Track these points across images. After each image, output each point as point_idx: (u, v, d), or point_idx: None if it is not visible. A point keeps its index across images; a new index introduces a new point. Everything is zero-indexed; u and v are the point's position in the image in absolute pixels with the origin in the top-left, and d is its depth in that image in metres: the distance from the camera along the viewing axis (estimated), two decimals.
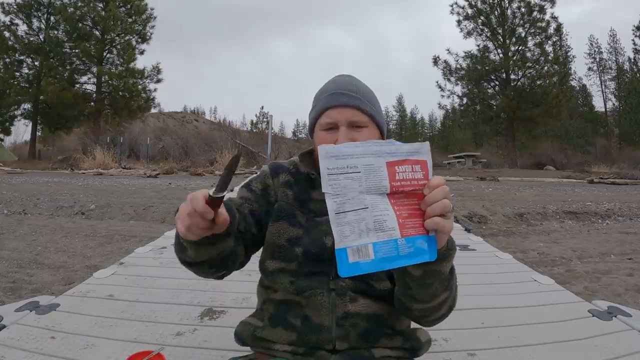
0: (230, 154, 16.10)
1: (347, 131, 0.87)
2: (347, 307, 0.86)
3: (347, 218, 0.63)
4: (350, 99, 0.88)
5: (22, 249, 3.92)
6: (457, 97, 23.39)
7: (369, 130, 0.88)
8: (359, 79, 0.96)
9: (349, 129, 0.87)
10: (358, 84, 0.92)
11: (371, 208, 0.64)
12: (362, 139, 0.83)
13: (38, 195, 7.01)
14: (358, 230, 0.63)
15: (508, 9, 22.05)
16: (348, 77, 0.94)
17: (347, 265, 0.63)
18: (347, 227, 0.63)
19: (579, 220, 6.09)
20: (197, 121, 48.74)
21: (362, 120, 0.87)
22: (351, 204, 0.64)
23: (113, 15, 21.02)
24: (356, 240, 0.63)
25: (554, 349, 1.43)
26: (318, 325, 0.87)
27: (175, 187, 9.08)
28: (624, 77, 30.75)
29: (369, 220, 0.63)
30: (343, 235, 0.63)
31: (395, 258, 0.64)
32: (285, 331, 0.89)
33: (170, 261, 2.56)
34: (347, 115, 0.87)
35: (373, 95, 0.93)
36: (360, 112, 0.88)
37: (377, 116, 0.90)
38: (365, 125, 0.88)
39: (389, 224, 0.64)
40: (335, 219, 0.63)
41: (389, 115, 49.91)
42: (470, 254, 2.86)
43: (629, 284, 3.06)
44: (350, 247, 0.63)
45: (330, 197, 0.64)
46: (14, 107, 21.15)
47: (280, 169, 1.00)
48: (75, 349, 1.36)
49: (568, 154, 22.04)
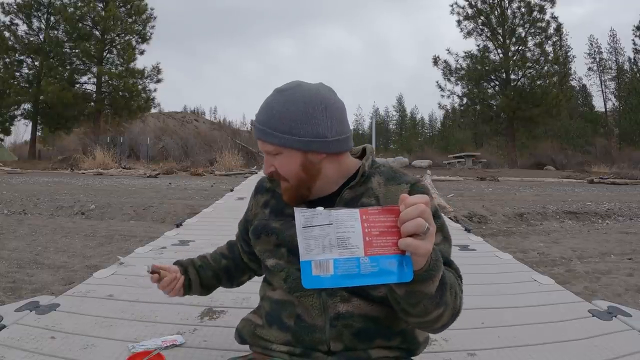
0: (230, 154, 16.10)
1: (267, 158, 0.92)
2: (337, 307, 0.86)
3: (314, 232, 0.64)
4: (258, 132, 0.90)
5: (22, 249, 3.92)
6: (457, 97, 23.40)
7: (283, 156, 0.89)
8: (297, 89, 0.89)
9: (267, 155, 0.91)
10: (275, 110, 0.87)
11: (335, 224, 0.64)
12: (278, 165, 0.90)
13: (38, 195, 7.01)
14: (322, 245, 0.64)
15: (508, 9, 22.04)
16: (273, 98, 0.90)
17: (310, 278, 0.65)
18: (312, 241, 0.64)
19: (579, 220, 6.09)
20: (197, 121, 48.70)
21: (270, 150, 0.90)
22: (318, 219, 0.65)
23: (113, 15, 21.00)
24: (319, 254, 0.64)
25: (554, 349, 1.43)
26: (311, 326, 0.87)
27: (175, 187, 9.08)
28: (624, 77, 30.72)
29: (332, 237, 0.64)
30: (309, 249, 0.64)
31: (355, 276, 0.64)
32: (281, 331, 0.90)
33: (170, 261, 2.55)
34: (261, 146, 0.91)
35: (297, 117, 0.86)
36: (268, 143, 0.89)
37: (289, 142, 0.86)
38: (279, 152, 0.89)
39: (353, 241, 0.63)
40: (303, 232, 0.65)
41: (389, 115, 49.86)
42: (470, 254, 2.86)
43: (629, 284, 3.06)
44: (314, 260, 0.64)
45: (299, 212, 0.65)
46: (14, 107, 21.14)
47: (262, 189, 1.06)
48: (75, 349, 1.36)
49: (568, 154, 22.01)
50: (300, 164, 0.88)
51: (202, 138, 22.84)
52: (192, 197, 7.31)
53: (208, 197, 6.96)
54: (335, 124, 0.88)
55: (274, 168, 0.91)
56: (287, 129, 0.86)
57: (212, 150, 17.67)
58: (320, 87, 0.91)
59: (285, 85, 0.91)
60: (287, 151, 0.88)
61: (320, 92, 0.89)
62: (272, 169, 0.92)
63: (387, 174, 0.95)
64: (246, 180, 8.97)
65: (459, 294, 0.82)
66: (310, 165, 0.89)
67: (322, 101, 0.88)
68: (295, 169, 0.89)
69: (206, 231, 3.55)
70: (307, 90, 0.89)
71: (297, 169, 0.89)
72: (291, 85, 0.90)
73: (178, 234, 3.40)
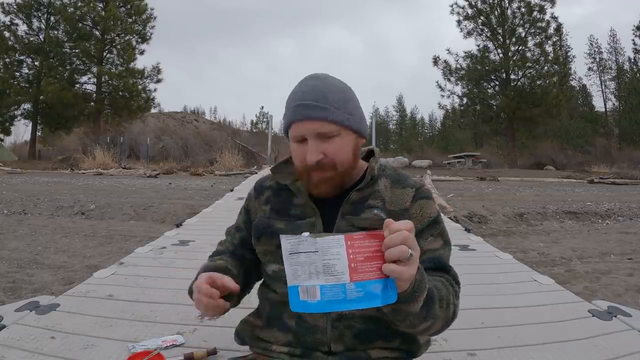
0: (230, 154, 16.09)
1: (316, 143, 0.84)
2: None
3: (300, 259, 0.65)
4: (314, 111, 0.83)
5: (22, 249, 3.92)
6: (457, 97, 23.35)
7: (340, 139, 0.85)
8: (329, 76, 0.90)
9: (318, 140, 0.84)
10: (326, 89, 0.85)
11: (321, 252, 0.64)
12: (333, 150, 0.84)
13: (38, 195, 7.01)
14: (308, 272, 0.65)
15: (508, 9, 22.01)
16: (315, 81, 0.87)
17: (298, 302, 0.66)
18: (299, 267, 0.65)
19: (579, 220, 6.09)
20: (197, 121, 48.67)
21: (330, 131, 0.83)
22: (304, 246, 0.65)
23: (113, 15, 20.99)
24: (306, 280, 0.65)
25: (554, 349, 1.43)
26: (313, 327, 0.86)
27: (175, 187, 9.07)
28: (624, 77, 30.69)
29: (318, 263, 0.64)
30: (296, 275, 0.66)
31: (342, 302, 0.65)
32: (281, 332, 0.89)
33: (170, 261, 2.56)
34: (313, 127, 0.83)
35: (345, 96, 0.87)
36: (328, 122, 0.83)
37: (349, 121, 0.85)
38: (335, 135, 0.84)
39: (339, 268, 0.64)
40: (289, 258, 0.66)
41: (389, 115, 49.87)
42: (470, 254, 2.86)
43: (629, 284, 3.06)
44: (301, 285, 0.65)
45: (285, 238, 0.66)
46: (14, 107, 21.10)
47: (262, 188, 1.01)
48: (75, 349, 1.36)
49: (568, 154, 21.99)
50: (353, 148, 0.87)
51: (202, 138, 22.81)
52: (192, 197, 7.31)
53: (208, 197, 6.96)
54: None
55: (323, 155, 0.84)
56: (347, 108, 0.86)
57: (212, 150, 17.64)
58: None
59: (316, 74, 0.90)
60: (345, 133, 0.85)
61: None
62: (321, 156, 0.84)
63: (392, 176, 0.94)
64: (246, 180, 8.96)
65: (453, 302, 0.83)
66: (357, 151, 0.89)
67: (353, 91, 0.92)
68: (348, 154, 0.86)
69: (206, 231, 3.55)
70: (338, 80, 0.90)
71: (350, 153, 0.86)
72: (322, 74, 0.90)
73: (178, 234, 3.40)
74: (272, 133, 16.71)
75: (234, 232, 1.07)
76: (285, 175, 0.95)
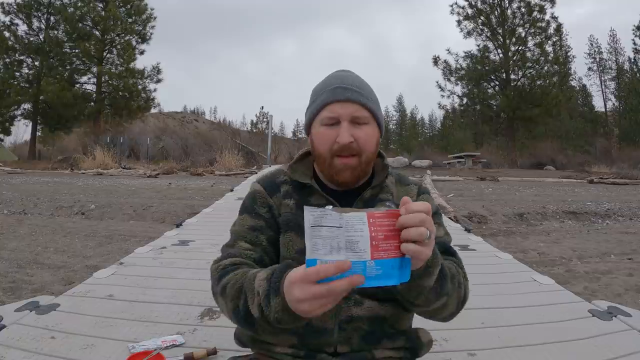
0: (230, 154, 16.10)
1: (349, 127, 0.86)
2: (351, 310, 0.86)
3: (322, 232, 0.64)
4: (353, 94, 0.87)
5: (22, 249, 3.92)
6: (457, 97, 23.40)
7: (370, 127, 0.88)
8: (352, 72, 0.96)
9: (350, 124, 0.86)
10: (360, 80, 0.92)
11: (345, 228, 0.64)
12: (363, 136, 0.86)
13: (38, 195, 7.01)
14: (329, 247, 0.63)
15: (508, 9, 22.03)
16: (349, 72, 0.94)
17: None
18: (320, 240, 0.63)
19: (579, 220, 6.08)
20: (197, 121, 48.74)
21: (364, 116, 0.87)
22: (327, 220, 0.64)
23: (113, 15, 21.01)
24: (326, 255, 0.63)
25: (554, 349, 1.43)
26: (321, 329, 0.86)
27: (175, 187, 9.07)
28: (624, 77, 30.70)
29: (341, 239, 0.63)
30: (315, 248, 0.63)
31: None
32: (286, 334, 0.88)
33: (170, 261, 2.56)
34: (350, 110, 0.86)
35: (374, 93, 0.94)
36: (363, 107, 0.87)
37: (378, 113, 0.91)
38: (367, 122, 0.88)
39: (361, 245, 0.63)
40: (311, 231, 0.64)
41: (389, 115, 49.86)
42: (470, 254, 2.87)
43: (629, 284, 3.06)
44: (320, 260, 0.63)
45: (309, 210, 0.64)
46: (14, 107, 21.14)
47: (275, 184, 0.97)
48: (75, 349, 1.36)
49: (568, 154, 21.97)
50: (376, 140, 0.91)
51: (202, 138, 22.81)
52: (192, 197, 7.31)
53: (208, 197, 6.96)
54: None
55: (353, 139, 0.86)
56: (377, 103, 0.91)
57: (212, 150, 17.64)
58: None
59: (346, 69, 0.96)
60: (373, 124, 0.89)
61: None
62: (352, 139, 0.86)
63: (395, 174, 1.00)
64: (246, 180, 8.95)
65: (463, 282, 0.85)
66: (377, 145, 0.92)
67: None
68: (373, 145, 0.89)
69: (206, 231, 3.55)
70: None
71: (374, 145, 0.90)
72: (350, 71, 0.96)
73: (178, 234, 3.40)
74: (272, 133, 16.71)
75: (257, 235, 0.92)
76: (300, 173, 0.96)
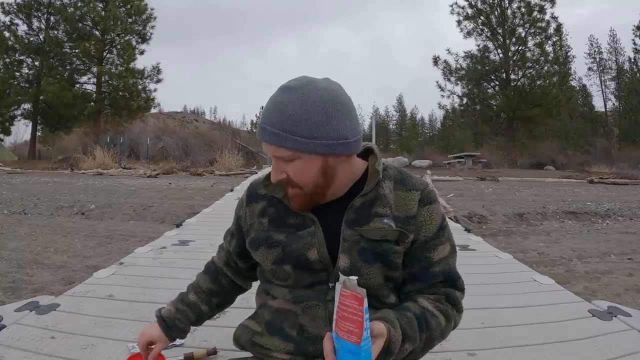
0: (230, 154, 16.10)
1: (278, 163, 0.82)
2: None
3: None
4: (268, 136, 0.78)
5: (22, 249, 3.92)
6: (457, 97, 23.40)
7: (300, 162, 0.80)
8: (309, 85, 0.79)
9: (279, 161, 0.82)
10: (289, 110, 0.77)
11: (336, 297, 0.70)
12: (292, 172, 0.82)
13: (38, 195, 7.01)
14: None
15: (508, 9, 22.03)
16: (284, 96, 0.79)
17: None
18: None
19: (579, 220, 6.08)
20: (197, 121, 48.69)
21: (287, 155, 0.79)
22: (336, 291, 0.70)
23: (113, 15, 21.01)
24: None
25: (554, 349, 1.43)
26: (316, 336, 0.84)
27: (175, 187, 9.07)
28: (624, 77, 30.68)
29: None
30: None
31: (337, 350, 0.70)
32: (283, 341, 0.88)
33: (170, 261, 2.56)
34: (271, 150, 0.81)
35: (313, 118, 0.77)
36: (280, 148, 0.78)
37: (308, 146, 0.77)
38: (293, 159, 0.79)
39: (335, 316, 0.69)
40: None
41: (389, 115, 49.81)
42: (470, 254, 2.87)
43: (629, 284, 3.05)
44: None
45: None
46: (14, 107, 21.14)
47: (256, 197, 0.96)
48: (75, 349, 1.36)
49: (568, 154, 21.98)
50: (320, 169, 0.81)
51: (202, 138, 22.84)
52: (192, 197, 7.31)
53: (208, 197, 6.96)
54: (354, 123, 0.81)
55: (285, 175, 0.82)
56: (306, 132, 0.77)
57: (212, 150, 17.65)
58: (331, 83, 0.82)
59: (293, 82, 0.81)
60: (306, 156, 0.79)
61: (333, 88, 0.80)
62: (283, 176, 0.82)
63: (394, 176, 0.90)
64: (246, 180, 8.96)
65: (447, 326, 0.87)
66: (329, 170, 0.82)
67: (338, 99, 0.79)
68: (313, 175, 0.81)
69: (206, 231, 3.55)
70: (321, 88, 0.79)
71: (315, 174, 0.81)
72: (301, 82, 0.80)
73: (178, 234, 3.40)
74: None
75: (229, 239, 1.05)
76: (274, 187, 0.92)
